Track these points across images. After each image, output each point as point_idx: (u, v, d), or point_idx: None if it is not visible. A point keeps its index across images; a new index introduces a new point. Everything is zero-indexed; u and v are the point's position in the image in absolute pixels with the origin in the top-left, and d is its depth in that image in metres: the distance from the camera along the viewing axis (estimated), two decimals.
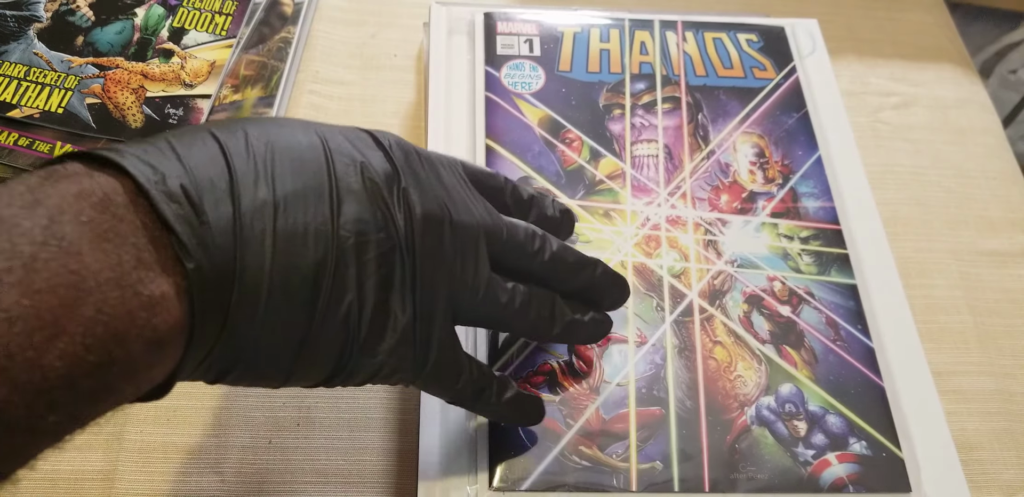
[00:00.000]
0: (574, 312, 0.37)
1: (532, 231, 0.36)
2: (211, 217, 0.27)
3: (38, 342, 0.22)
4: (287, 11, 0.56)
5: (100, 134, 0.48)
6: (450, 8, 0.53)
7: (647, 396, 0.40)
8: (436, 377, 0.33)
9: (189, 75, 0.50)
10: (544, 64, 0.51)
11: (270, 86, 0.52)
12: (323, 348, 0.30)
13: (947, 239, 0.53)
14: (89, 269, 0.23)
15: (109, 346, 0.24)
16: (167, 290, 0.25)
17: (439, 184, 0.33)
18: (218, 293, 0.27)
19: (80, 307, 0.23)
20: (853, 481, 0.39)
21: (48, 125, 0.47)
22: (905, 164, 0.56)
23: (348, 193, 0.30)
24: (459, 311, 0.33)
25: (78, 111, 0.48)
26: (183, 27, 0.52)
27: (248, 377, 0.30)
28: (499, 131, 0.48)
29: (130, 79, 0.49)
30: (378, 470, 0.41)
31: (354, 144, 0.31)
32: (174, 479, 0.40)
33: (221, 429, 0.42)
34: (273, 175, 0.29)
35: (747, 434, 0.39)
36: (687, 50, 0.52)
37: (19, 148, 0.46)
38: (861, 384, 0.41)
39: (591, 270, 0.38)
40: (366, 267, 0.30)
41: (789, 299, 0.44)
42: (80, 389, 0.23)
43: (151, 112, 0.49)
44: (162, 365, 0.26)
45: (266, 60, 0.53)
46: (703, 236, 0.45)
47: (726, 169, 0.48)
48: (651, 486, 0.38)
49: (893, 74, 0.61)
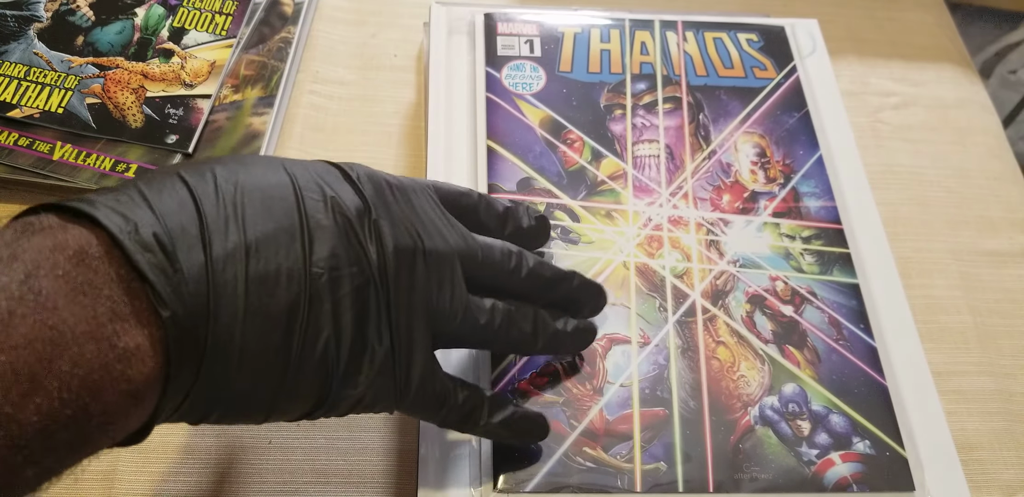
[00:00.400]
0: (556, 320, 0.37)
1: (507, 250, 0.36)
2: (184, 265, 0.27)
3: (15, 398, 0.22)
4: (287, 11, 0.56)
5: (100, 134, 0.47)
6: (450, 8, 0.53)
7: (651, 397, 0.40)
8: (419, 405, 0.33)
9: (189, 75, 0.50)
10: (545, 65, 0.51)
11: (270, 86, 0.52)
12: (302, 387, 0.30)
13: (947, 239, 0.53)
14: (66, 323, 0.24)
15: (85, 399, 0.24)
16: (142, 341, 0.25)
17: (411, 213, 0.33)
18: (192, 341, 0.27)
19: (56, 362, 0.23)
20: (857, 480, 0.39)
21: (48, 125, 0.47)
22: (905, 164, 0.56)
23: (319, 230, 0.30)
24: (439, 337, 0.33)
25: (78, 111, 0.48)
26: (183, 27, 0.52)
27: (229, 417, 0.30)
28: (500, 132, 0.47)
29: (130, 79, 0.49)
30: (378, 470, 0.41)
31: (323, 179, 0.32)
32: (174, 479, 0.40)
33: (221, 429, 0.41)
34: (243, 217, 0.29)
35: (751, 434, 0.39)
36: (688, 50, 0.52)
37: (19, 148, 0.46)
38: (864, 383, 0.41)
39: (568, 282, 0.38)
40: (341, 303, 0.30)
41: (791, 299, 0.44)
42: (57, 442, 0.24)
43: (151, 112, 0.49)
44: (138, 414, 0.26)
45: (266, 60, 0.53)
46: (705, 236, 0.45)
47: (727, 169, 0.48)
48: (655, 487, 0.38)
49: (893, 74, 0.61)
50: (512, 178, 0.46)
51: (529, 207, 0.41)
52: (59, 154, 0.47)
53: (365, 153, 0.52)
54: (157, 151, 0.47)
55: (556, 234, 0.44)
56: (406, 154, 0.52)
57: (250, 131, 0.49)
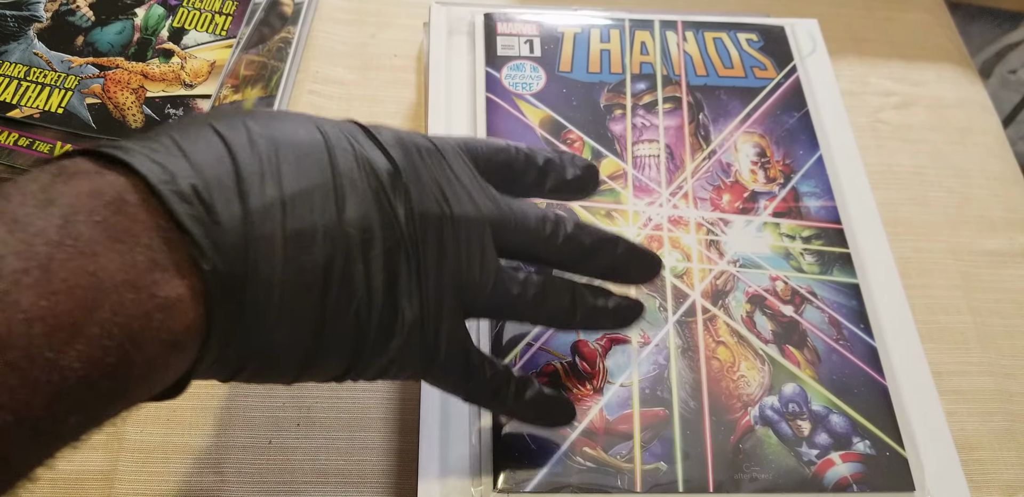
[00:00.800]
0: (596, 297, 0.36)
1: (543, 216, 0.35)
2: (223, 217, 0.26)
3: (57, 344, 0.22)
4: (287, 11, 0.56)
5: (100, 134, 0.47)
6: (450, 8, 0.53)
7: (651, 397, 0.40)
8: (446, 374, 0.33)
9: (189, 75, 0.50)
10: (545, 65, 0.51)
11: (270, 86, 0.52)
12: (335, 346, 0.30)
13: (947, 239, 0.53)
14: (106, 270, 0.23)
15: (126, 348, 0.23)
16: (183, 292, 0.25)
17: (442, 177, 0.32)
18: (232, 294, 0.27)
19: (97, 309, 0.23)
20: (857, 480, 0.39)
21: (48, 125, 0.47)
22: (905, 164, 0.56)
23: (352, 190, 0.30)
24: (469, 306, 0.33)
25: (78, 111, 0.48)
26: (183, 27, 0.52)
27: (261, 374, 0.30)
28: (500, 132, 0.47)
29: (130, 79, 0.49)
30: (378, 470, 0.41)
31: (355, 139, 0.31)
32: (174, 479, 0.40)
33: (221, 429, 0.41)
34: (279, 172, 0.28)
35: (751, 434, 0.39)
36: (687, 50, 0.52)
37: (19, 148, 0.46)
38: (864, 383, 0.41)
39: (611, 249, 0.36)
40: (372, 265, 0.30)
41: (792, 299, 0.44)
42: (99, 390, 0.23)
43: (151, 112, 0.48)
44: (177, 366, 0.26)
45: (266, 60, 0.53)
46: (705, 236, 0.45)
47: (727, 169, 0.48)
48: (655, 487, 0.38)
49: (893, 74, 0.61)
50: None
51: (575, 156, 0.38)
52: (63, 151, 0.47)
53: None
54: None
55: None
56: None
57: None
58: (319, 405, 0.43)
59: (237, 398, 0.42)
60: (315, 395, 0.43)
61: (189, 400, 0.42)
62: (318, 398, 0.43)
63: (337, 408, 0.43)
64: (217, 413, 0.42)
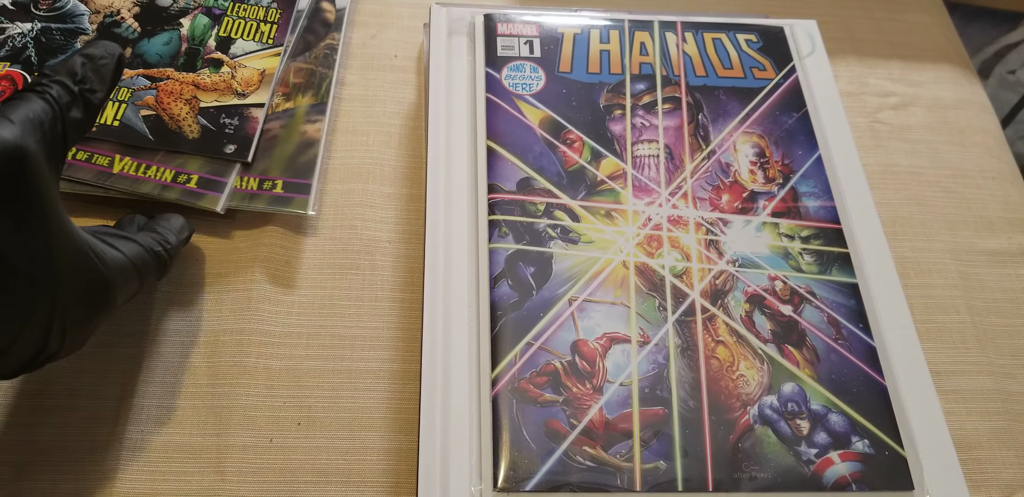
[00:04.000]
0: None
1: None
2: None
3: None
4: (330, 18, 0.55)
5: (158, 146, 0.47)
6: (450, 9, 0.53)
7: (650, 396, 0.40)
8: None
9: (240, 84, 0.50)
10: (544, 65, 0.51)
11: (320, 93, 0.52)
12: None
13: (946, 239, 0.53)
14: None
15: None
16: None
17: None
18: None
19: None
20: (856, 479, 0.39)
21: (105, 138, 0.47)
22: (904, 164, 0.56)
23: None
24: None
25: (134, 124, 0.48)
26: (230, 36, 0.52)
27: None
28: (500, 132, 0.48)
29: (182, 90, 0.49)
30: (379, 470, 0.41)
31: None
32: (174, 478, 0.40)
33: (222, 428, 0.42)
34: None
35: (750, 433, 0.39)
36: (687, 50, 0.53)
37: (78, 162, 0.46)
38: (863, 383, 0.41)
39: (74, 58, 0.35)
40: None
41: (790, 298, 0.44)
42: None
43: (207, 122, 0.48)
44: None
45: (314, 67, 0.53)
46: (704, 236, 0.45)
47: (727, 169, 0.48)
48: (655, 486, 0.38)
49: (892, 74, 0.61)
50: (512, 178, 0.46)
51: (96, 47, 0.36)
52: (119, 167, 0.46)
53: (365, 153, 0.52)
54: (217, 161, 0.47)
55: (556, 234, 0.44)
56: (406, 154, 0.52)
57: (305, 139, 0.49)
58: (320, 404, 0.43)
59: (238, 397, 0.42)
60: (316, 394, 0.43)
61: (189, 399, 0.42)
62: (319, 397, 0.43)
63: (338, 407, 0.43)
64: (218, 412, 0.42)
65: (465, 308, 0.43)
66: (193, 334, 0.44)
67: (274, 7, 0.54)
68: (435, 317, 0.42)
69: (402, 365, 0.44)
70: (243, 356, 0.44)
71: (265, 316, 0.45)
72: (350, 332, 0.45)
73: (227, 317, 0.45)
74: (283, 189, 0.47)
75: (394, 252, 0.48)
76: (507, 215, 0.45)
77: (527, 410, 0.39)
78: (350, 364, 0.44)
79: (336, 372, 0.44)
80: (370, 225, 0.49)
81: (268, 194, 0.47)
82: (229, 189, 0.47)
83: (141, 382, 0.43)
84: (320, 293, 0.46)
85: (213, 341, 0.44)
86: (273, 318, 0.45)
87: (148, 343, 0.44)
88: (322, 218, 0.49)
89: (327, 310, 0.46)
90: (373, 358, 0.44)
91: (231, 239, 0.48)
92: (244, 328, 0.44)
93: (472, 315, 0.42)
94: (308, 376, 0.44)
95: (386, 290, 0.47)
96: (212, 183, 0.46)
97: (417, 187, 0.51)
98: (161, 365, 0.43)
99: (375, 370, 0.44)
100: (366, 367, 0.44)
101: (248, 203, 0.47)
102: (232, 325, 0.45)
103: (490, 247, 0.44)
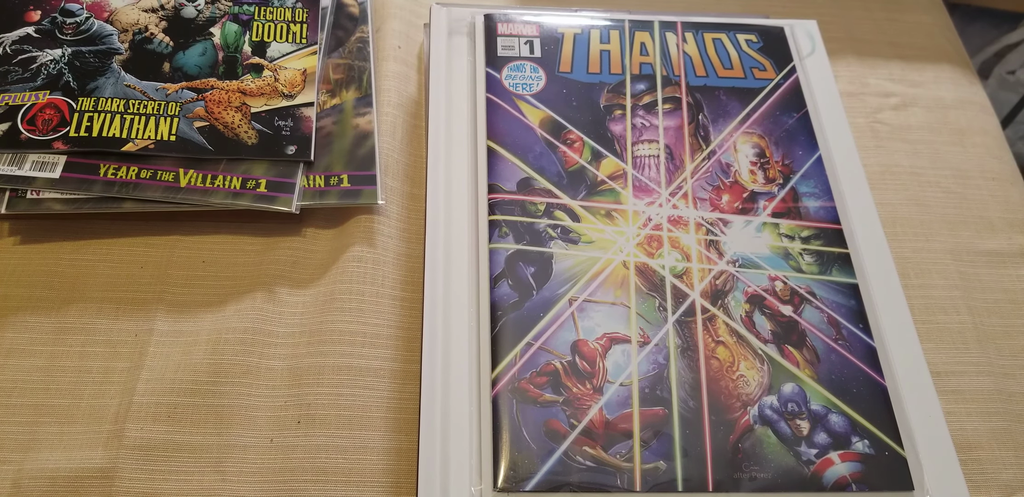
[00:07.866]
0: None
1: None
2: None
3: None
4: (354, 12, 0.55)
5: (219, 155, 0.47)
6: (450, 9, 0.53)
7: (650, 396, 0.40)
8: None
9: (286, 86, 0.50)
10: (545, 65, 0.51)
11: (363, 86, 0.52)
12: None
13: (946, 239, 0.53)
14: None
15: None
16: None
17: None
18: None
19: None
20: (856, 480, 0.39)
21: (166, 154, 0.47)
22: (904, 165, 0.56)
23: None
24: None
25: (190, 136, 0.48)
26: (263, 40, 0.52)
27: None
28: (500, 132, 0.48)
29: (230, 98, 0.49)
30: (379, 469, 0.41)
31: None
32: (174, 478, 0.40)
33: (222, 427, 0.42)
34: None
35: (750, 433, 0.39)
36: (687, 51, 0.53)
37: (144, 181, 0.46)
38: (863, 383, 0.41)
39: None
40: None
41: (791, 298, 0.44)
42: None
43: (262, 127, 0.48)
44: None
45: (350, 61, 0.53)
46: (704, 236, 0.45)
47: (727, 169, 0.48)
48: (655, 486, 0.38)
49: (892, 75, 0.61)
50: (512, 178, 0.46)
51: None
52: (185, 180, 0.46)
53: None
54: (280, 163, 0.48)
55: (556, 234, 0.44)
56: (406, 154, 0.52)
57: (359, 132, 0.50)
58: (320, 403, 0.43)
59: (239, 397, 0.42)
60: (316, 393, 0.43)
61: (189, 398, 0.42)
62: (319, 396, 0.43)
63: (338, 407, 0.43)
64: (218, 411, 0.42)
65: (465, 308, 0.43)
66: (194, 334, 0.44)
67: (299, 7, 0.54)
68: (435, 317, 0.42)
69: (402, 365, 0.44)
70: (245, 355, 0.44)
71: (268, 315, 0.45)
72: (350, 328, 0.45)
73: (230, 317, 0.45)
74: (350, 183, 0.48)
75: (395, 249, 0.48)
76: (507, 215, 0.45)
77: (527, 410, 0.39)
78: (350, 361, 0.44)
79: (337, 369, 0.44)
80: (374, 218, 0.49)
81: (337, 189, 0.47)
82: (299, 189, 0.47)
83: (141, 381, 0.43)
84: (323, 290, 0.46)
85: (215, 340, 0.44)
86: (276, 318, 0.45)
87: (148, 343, 0.44)
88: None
89: (329, 306, 0.46)
90: (374, 356, 0.44)
91: (238, 242, 0.48)
92: (245, 327, 0.44)
93: (472, 315, 0.42)
94: (308, 375, 0.43)
95: (387, 287, 0.47)
96: (281, 185, 0.47)
97: (418, 187, 0.51)
98: (161, 364, 0.43)
99: (375, 369, 0.44)
100: (366, 365, 0.44)
101: (320, 200, 0.47)
102: (235, 324, 0.45)
103: (490, 247, 0.44)
